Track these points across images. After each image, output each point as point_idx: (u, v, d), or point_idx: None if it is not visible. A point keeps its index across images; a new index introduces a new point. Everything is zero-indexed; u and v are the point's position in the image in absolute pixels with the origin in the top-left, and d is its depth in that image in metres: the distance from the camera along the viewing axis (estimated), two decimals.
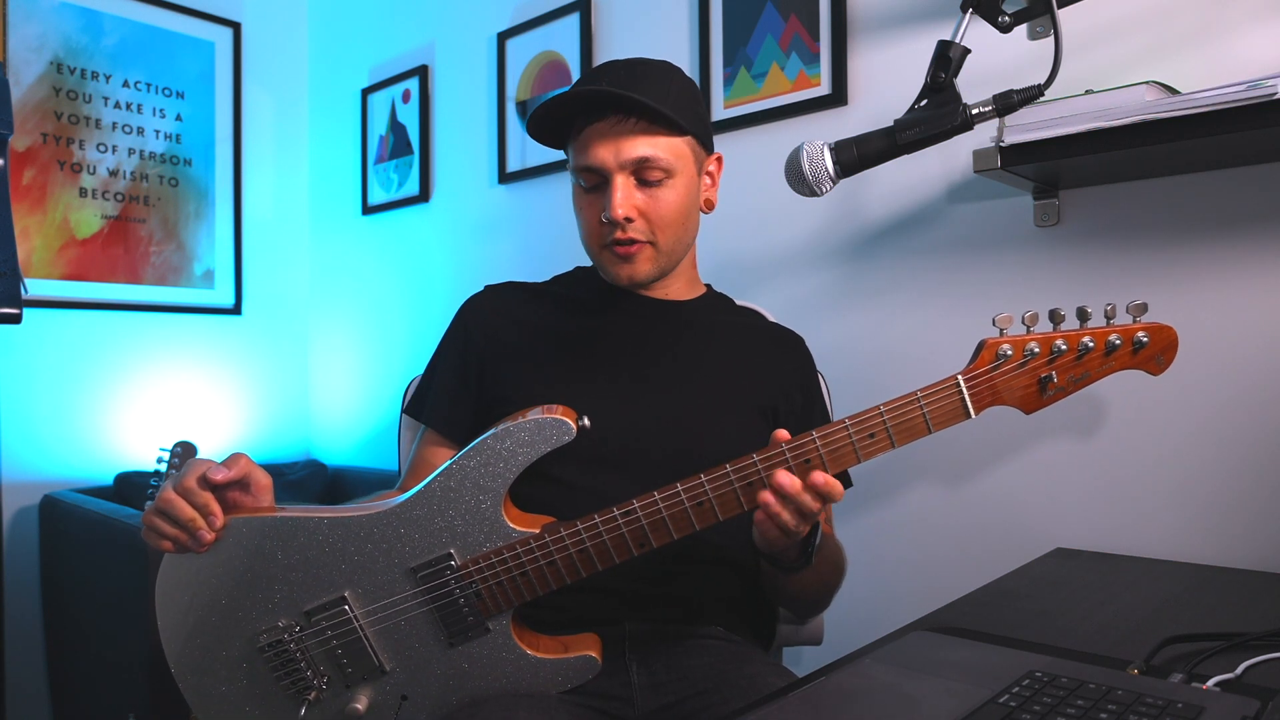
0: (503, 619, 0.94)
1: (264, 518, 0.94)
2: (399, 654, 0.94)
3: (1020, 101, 0.98)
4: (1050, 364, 0.89)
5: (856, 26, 1.69)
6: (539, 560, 0.92)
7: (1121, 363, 0.89)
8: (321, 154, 2.97)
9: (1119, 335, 0.88)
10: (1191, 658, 0.82)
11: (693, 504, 0.91)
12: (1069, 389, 0.89)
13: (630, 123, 1.05)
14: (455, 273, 2.51)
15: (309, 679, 0.94)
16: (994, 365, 0.89)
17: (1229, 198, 1.30)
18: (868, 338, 1.67)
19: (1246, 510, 1.29)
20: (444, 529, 0.93)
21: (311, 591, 0.94)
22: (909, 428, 0.89)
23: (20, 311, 1.27)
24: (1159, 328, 0.89)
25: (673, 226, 1.10)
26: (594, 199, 1.09)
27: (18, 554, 2.33)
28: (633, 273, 1.11)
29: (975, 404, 0.89)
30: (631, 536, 0.92)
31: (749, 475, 0.90)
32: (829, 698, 0.77)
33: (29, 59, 2.40)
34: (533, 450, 0.93)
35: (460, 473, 0.93)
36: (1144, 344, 0.88)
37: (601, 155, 1.06)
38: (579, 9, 2.14)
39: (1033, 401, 0.90)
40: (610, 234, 1.08)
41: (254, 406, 2.84)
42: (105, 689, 2.00)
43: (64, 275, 2.45)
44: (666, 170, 1.08)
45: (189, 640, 0.95)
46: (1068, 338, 0.88)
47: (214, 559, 0.94)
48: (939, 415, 0.89)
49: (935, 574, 1.59)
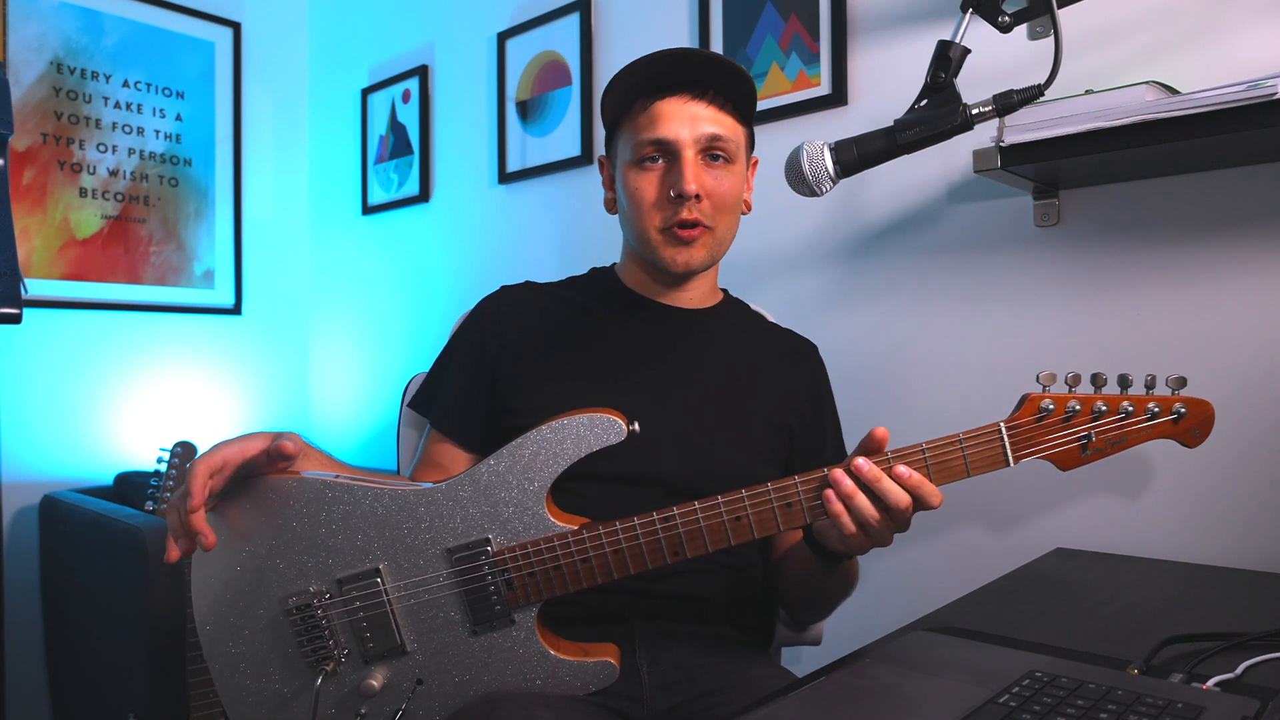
0: (529, 612, 0.95)
1: (314, 480, 0.94)
2: (422, 635, 0.95)
3: (1020, 101, 0.98)
4: (1092, 424, 0.90)
5: (856, 26, 1.69)
6: (574, 556, 0.93)
7: (1160, 431, 0.91)
8: (321, 154, 2.97)
9: (1158, 404, 0.90)
10: (1191, 658, 0.82)
11: (731, 518, 0.92)
12: (1106, 451, 0.90)
13: (703, 102, 1.06)
14: (455, 273, 2.51)
15: (330, 649, 0.94)
16: (1037, 418, 0.90)
17: (1229, 198, 1.30)
18: (868, 338, 1.67)
19: (1246, 510, 1.29)
20: (486, 514, 0.94)
21: (348, 560, 0.94)
22: (948, 469, 0.89)
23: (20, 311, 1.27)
24: (1197, 401, 0.91)
25: (731, 212, 1.11)
26: (652, 176, 1.08)
27: (18, 554, 2.33)
28: (690, 259, 1.09)
29: (1014, 453, 0.90)
30: (668, 542, 0.92)
31: (789, 497, 0.90)
32: (829, 698, 0.77)
33: (29, 59, 2.40)
34: (583, 446, 0.94)
35: (510, 461, 0.94)
36: (1182, 415, 0.90)
37: (675, 129, 1.05)
38: (579, 9, 2.14)
39: (1071, 460, 0.91)
40: (674, 214, 1.07)
41: (254, 406, 2.84)
42: (105, 689, 2.00)
43: (64, 275, 2.45)
44: (730, 155, 1.08)
45: (220, 596, 0.95)
46: (1109, 400, 0.90)
47: (259, 517, 0.94)
48: (978, 460, 0.90)
49: (935, 574, 1.59)
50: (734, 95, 1.09)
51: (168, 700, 1.72)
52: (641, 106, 1.07)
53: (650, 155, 1.07)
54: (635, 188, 1.09)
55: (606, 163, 1.18)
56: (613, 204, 1.18)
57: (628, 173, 1.10)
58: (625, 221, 1.14)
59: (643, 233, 1.10)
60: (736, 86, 1.08)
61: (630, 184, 1.09)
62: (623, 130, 1.11)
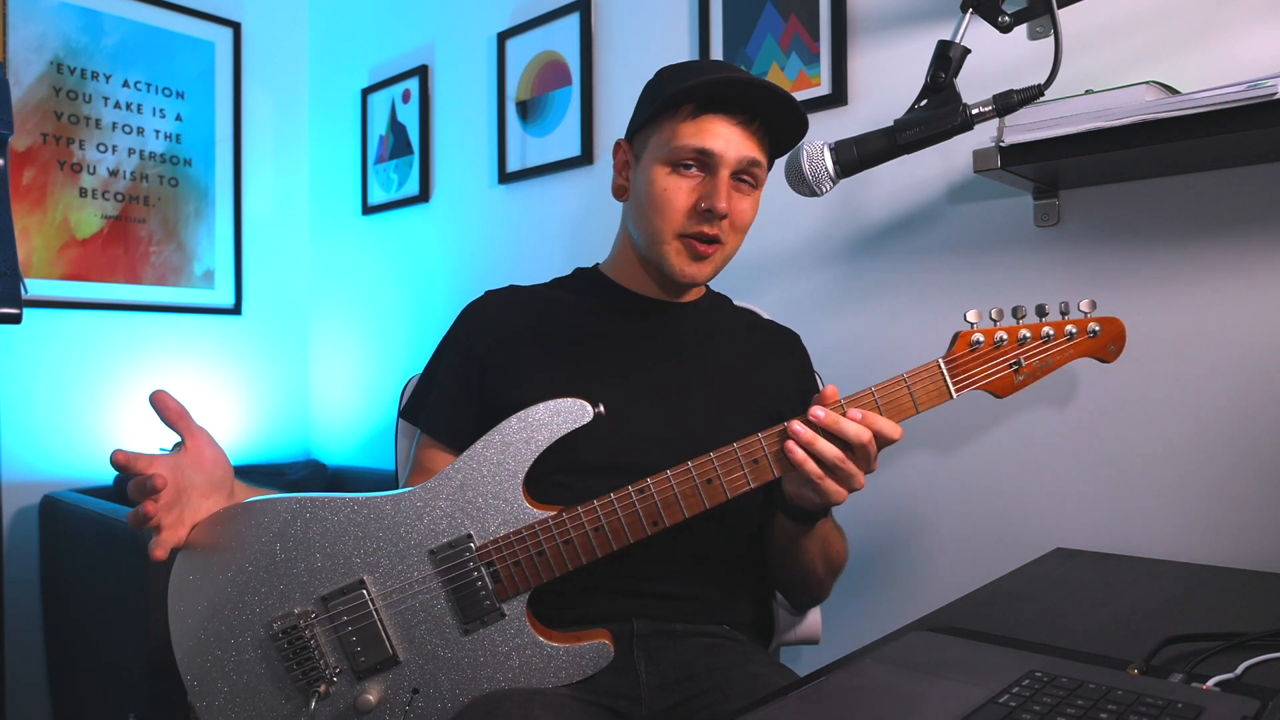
0: (518, 603, 0.95)
1: (288, 499, 0.95)
2: (413, 643, 0.95)
3: (1020, 101, 0.99)
4: (1019, 350, 0.99)
5: (856, 26, 1.69)
6: (556, 539, 0.94)
7: (1080, 349, 1.01)
8: (321, 154, 2.97)
9: (1074, 325, 1.00)
10: (1191, 658, 0.82)
11: (702, 480, 0.95)
12: (1037, 374, 1.00)
13: (750, 130, 1.08)
14: (455, 273, 2.51)
15: (320, 669, 0.94)
16: (970, 351, 0.99)
17: (1229, 198, 1.30)
18: (867, 338, 1.67)
19: (1246, 510, 1.29)
20: (464, 511, 0.95)
21: (330, 576, 0.94)
22: (898, 406, 0.98)
23: (20, 311, 1.27)
24: (1109, 320, 1.02)
25: (742, 235, 1.13)
26: (684, 183, 1.08)
27: (18, 554, 2.33)
28: (698, 272, 1.11)
29: (955, 385, 0.99)
30: (645, 512, 0.94)
31: (754, 452, 0.95)
32: (829, 698, 0.77)
33: (29, 59, 2.40)
34: (551, 431, 0.95)
35: (481, 456, 0.95)
36: (1096, 332, 1.01)
37: (722, 145, 1.06)
38: (579, 9, 2.14)
39: (1007, 385, 1.00)
40: (698, 225, 1.08)
41: (254, 406, 2.84)
42: (105, 689, 2.00)
43: (64, 275, 2.45)
44: (757, 181, 1.11)
45: (199, 629, 0.94)
46: (1030, 328, 1.00)
47: (233, 542, 0.94)
48: (924, 395, 0.99)
49: (935, 574, 1.59)
50: (776, 131, 1.10)
51: (168, 700, 1.72)
52: (692, 114, 1.07)
53: (688, 162, 1.08)
54: (664, 188, 1.09)
55: (627, 148, 1.17)
56: (623, 191, 1.17)
57: (657, 171, 1.09)
58: (637, 216, 1.13)
59: (657, 234, 1.10)
60: (786, 125, 1.09)
61: (659, 184, 1.09)
62: (662, 128, 1.09)
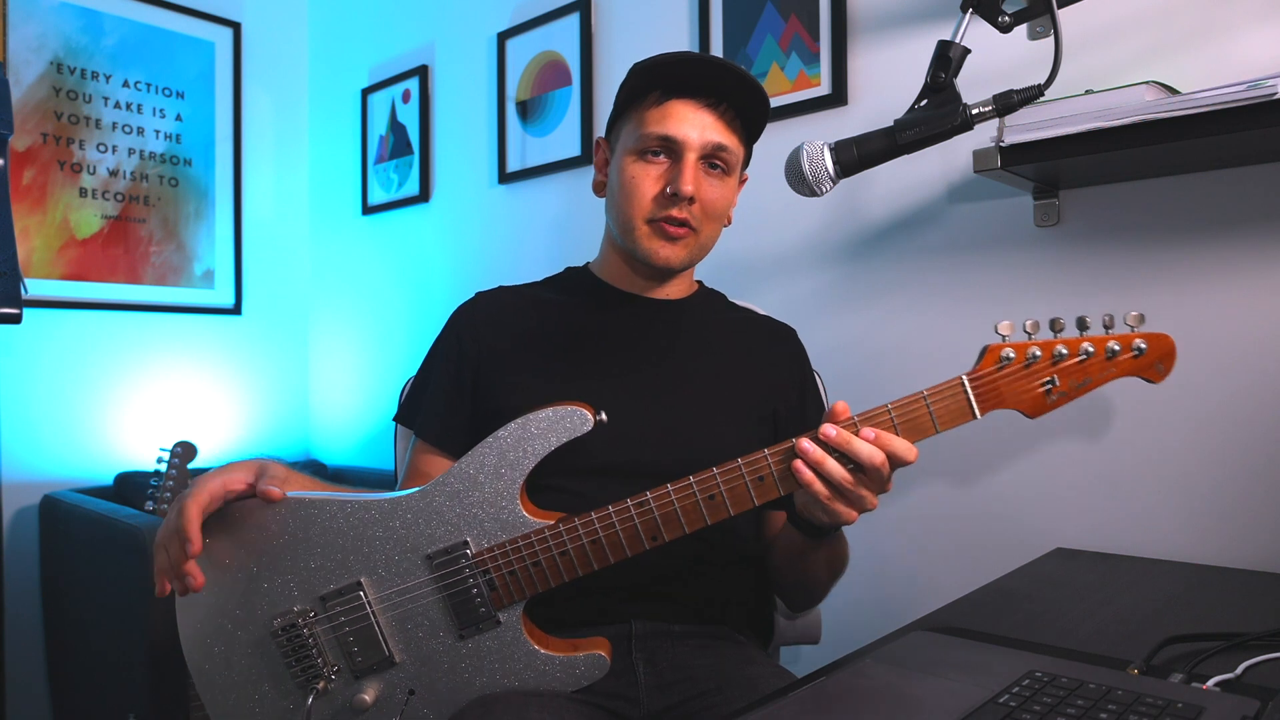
0: (514, 612, 0.95)
1: (289, 500, 0.95)
2: (409, 645, 0.95)
3: (1020, 101, 0.98)
4: (1054, 368, 0.90)
5: (856, 26, 1.69)
6: (552, 550, 0.93)
7: (1122, 369, 0.91)
8: (321, 154, 2.97)
9: (1118, 342, 0.90)
10: (1191, 658, 0.82)
11: (704, 496, 0.92)
12: (1072, 394, 0.91)
13: (716, 112, 1.08)
14: (455, 273, 2.51)
15: (319, 667, 0.94)
16: (998, 368, 0.90)
17: (1229, 198, 1.30)
18: (867, 338, 1.67)
19: (1246, 510, 1.29)
20: (461, 517, 0.94)
21: (329, 576, 0.94)
22: (916, 426, 0.90)
23: (20, 311, 1.27)
24: (1156, 336, 0.91)
25: (716, 221, 1.13)
26: (651, 170, 1.09)
27: (18, 554, 2.33)
28: (670, 256, 1.10)
29: (980, 405, 0.90)
30: (644, 527, 0.92)
31: (760, 470, 0.91)
32: (829, 698, 0.77)
33: (29, 59, 2.40)
34: (550, 440, 0.94)
35: (479, 462, 0.95)
36: (1143, 351, 0.90)
37: (685, 130, 1.06)
38: (579, 9, 2.14)
39: (1039, 406, 0.91)
40: (665, 209, 1.08)
41: (254, 406, 2.84)
42: (105, 689, 2.00)
43: (64, 275, 2.45)
44: (728, 166, 1.10)
45: (205, 623, 0.96)
46: (1068, 343, 0.89)
47: (238, 543, 0.95)
48: (945, 415, 0.90)
49: (935, 574, 1.59)
50: (745, 113, 1.10)
51: (168, 700, 1.72)
52: (656, 100, 1.08)
53: (654, 149, 1.08)
54: (632, 176, 1.09)
55: (605, 145, 1.18)
56: (602, 187, 1.18)
57: (627, 160, 1.10)
58: (612, 207, 1.15)
59: (628, 221, 1.11)
60: (751, 105, 1.10)
61: (628, 172, 1.10)
62: (630, 118, 1.11)
